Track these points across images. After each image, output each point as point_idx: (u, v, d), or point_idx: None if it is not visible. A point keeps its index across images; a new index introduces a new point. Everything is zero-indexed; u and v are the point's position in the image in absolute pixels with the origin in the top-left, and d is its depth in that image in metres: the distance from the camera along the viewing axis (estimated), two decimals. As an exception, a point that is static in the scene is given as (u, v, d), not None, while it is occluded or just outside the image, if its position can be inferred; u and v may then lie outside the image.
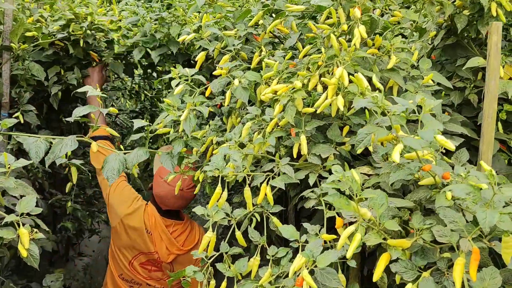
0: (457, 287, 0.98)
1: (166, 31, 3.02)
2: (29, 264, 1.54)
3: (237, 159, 1.47)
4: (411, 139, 0.98)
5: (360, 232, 1.05)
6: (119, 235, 2.31)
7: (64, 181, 4.02)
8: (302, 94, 1.47)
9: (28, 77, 3.02)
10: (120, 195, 2.32)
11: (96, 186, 5.10)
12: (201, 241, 1.44)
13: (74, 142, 1.87)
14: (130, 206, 2.31)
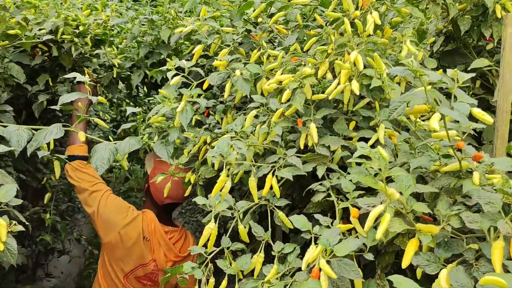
0: (497, 271, 0.89)
1: (156, 34, 2.94)
2: (5, 259, 1.37)
3: (242, 147, 1.37)
4: (449, 109, 0.91)
5: (389, 213, 0.96)
6: (114, 248, 2.16)
7: (38, 192, 3.82)
8: (312, 80, 1.40)
9: (7, 77, 2.87)
10: (114, 207, 2.17)
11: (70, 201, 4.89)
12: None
13: (60, 130, 1.74)
14: (127, 216, 2.17)
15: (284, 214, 1.39)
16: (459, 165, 1.11)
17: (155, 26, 2.94)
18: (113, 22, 3.00)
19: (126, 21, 3.00)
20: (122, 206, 2.21)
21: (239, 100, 1.81)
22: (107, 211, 2.16)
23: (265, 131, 1.46)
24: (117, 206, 2.19)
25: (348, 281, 1.16)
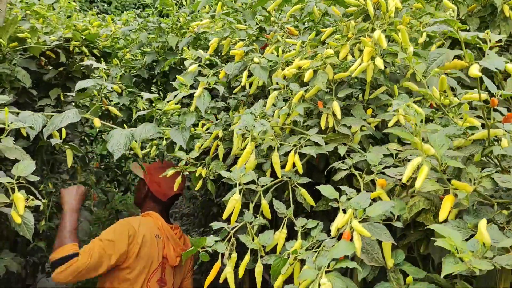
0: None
1: (164, 41, 2.97)
2: (21, 234, 1.34)
3: (265, 123, 1.37)
4: (488, 61, 0.93)
5: (426, 165, 0.96)
6: (133, 268, 2.08)
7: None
8: (334, 59, 1.42)
9: (13, 80, 2.87)
10: (116, 241, 2.03)
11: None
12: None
13: (77, 115, 1.73)
14: (130, 231, 2.09)
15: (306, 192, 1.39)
16: (487, 132, 1.13)
17: (163, 33, 2.98)
18: (122, 29, 3.04)
19: (135, 28, 3.03)
20: (121, 233, 2.06)
21: (255, 90, 1.82)
22: (116, 250, 2.01)
23: (286, 111, 1.47)
24: (117, 237, 2.03)
25: (378, 247, 1.15)
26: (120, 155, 1.68)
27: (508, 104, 1.62)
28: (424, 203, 1.29)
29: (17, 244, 3.88)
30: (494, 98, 1.02)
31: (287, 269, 1.17)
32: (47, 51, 2.98)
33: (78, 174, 3.81)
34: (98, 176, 3.89)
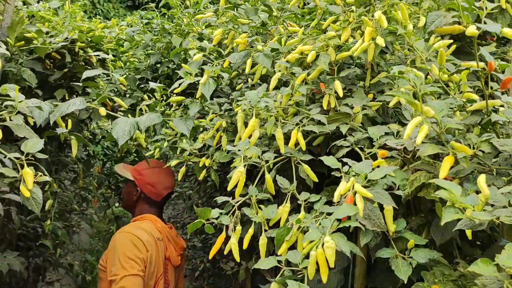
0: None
1: (168, 41, 3.03)
2: (30, 208, 1.36)
3: (269, 100, 1.41)
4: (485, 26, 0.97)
5: (426, 124, 1.00)
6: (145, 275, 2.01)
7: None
8: (336, 41, 1.46)
9: (19, 79, 2.92)
10: (138, 271, 1.93)
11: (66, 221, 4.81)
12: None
13: (83, 103, 1.77)
14: (142, 254, 1.99)
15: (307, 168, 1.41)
16: (485, 103, 1.17)
17: (167, 33, 3.04)
18: (127, 31, 3.10)
19: (139, 29, 3.10)
20: (135, 256, 1.95)
21: (258, 78, 1.86)
22: (141, 272, 1.94)
23: (289, 92, 1.51)
24: (135, 263, 1.94)
25: (380, 214, 1.17)
26: (124, 141, 1.70)
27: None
28: (425, 178, 1.31)
29: (18, 249, 3.88)
30: (491, 63, 1.06)
31: (290, 237, 1.19)
32: (52, 53, 3.03)
33: (80, 178, 3.84)
34: (100, 181, 3.91)
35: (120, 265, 1.89)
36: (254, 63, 1.84)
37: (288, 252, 1.15)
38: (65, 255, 5.17)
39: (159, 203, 2.30)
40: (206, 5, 2.29)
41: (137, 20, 3.27)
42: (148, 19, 3.15)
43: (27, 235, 3.83)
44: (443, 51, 1.17)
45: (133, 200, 2.29)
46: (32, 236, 3.83)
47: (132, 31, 3.07)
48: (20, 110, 1.79)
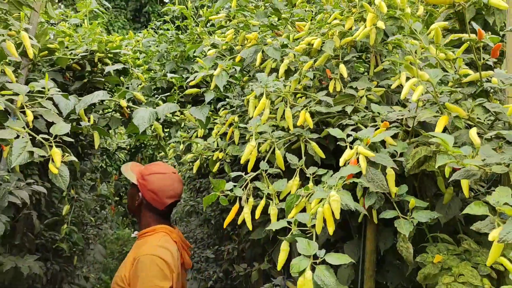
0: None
1: (182, 50, 3.17)
2: (58, 185, 1.47)
3: (278, 83, 1.51)
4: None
5: (422, 85, 1.09)
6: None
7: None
8: (340, 28, 1.57)
9: (42, 88, 3.07)
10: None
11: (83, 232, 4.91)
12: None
13: (105, 94, 1.89)
14: (168, 279, 1.87)
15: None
16: (479, 74, 1.26)
17: (181, 43, 3.19)
18: (143, 41, 3.26)
19: (154, 40, 3.25)
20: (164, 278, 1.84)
21: (268, 73, 1.98)
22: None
23: (297, 77, 1.62)
24: (159, 278, 1.82)
25: (382, 177, 1.25)
26: (144, 128, 1.82)
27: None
28: (426, 151, 1.40)
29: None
30: (480, 30, 1.16)
31: (299, 202, 1.28)
32: (73, 64, 3.19)
33: (98, 185, 3.97)
34: (117, 188, 4.03)
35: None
36: (263, 59, 1.95)
37: (297, 215, 1.23)
38: (81, 267, 5.25)
39: (163, 211, 2.03)
40: (218, 10, 2.43)
41: (152, 32, 3.44)
42: (163, 30, 3.31)
43: (45, 244, 3.94)
44: (438, 29, 1.27)
45: (136, 206, 2.09)
46: (49, 245, 3.94)
47: (147, 41, 3.23)
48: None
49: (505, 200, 0.89)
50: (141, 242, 1.97)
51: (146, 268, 1.81)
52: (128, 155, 4.34)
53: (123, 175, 4.53)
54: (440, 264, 1.47)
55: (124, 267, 1.89)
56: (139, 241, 2.00)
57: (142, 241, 1.97)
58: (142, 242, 1.96)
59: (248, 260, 3.72)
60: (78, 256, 4.12)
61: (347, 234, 2.29)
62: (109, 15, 14.76)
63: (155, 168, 2.00)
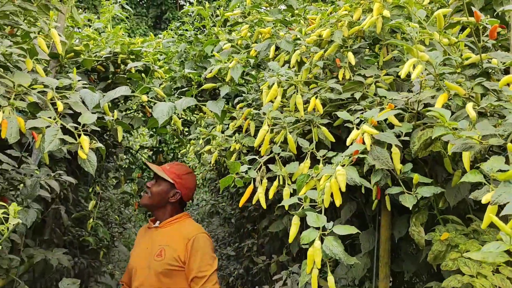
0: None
1: (200, 50, 3.28)
2: (86, 170, 1.58)
3: (290, 72, 1.60)
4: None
5: (421, 65, 1.16)
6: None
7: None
8: (348, 18, 1.65)
9: (68, 89, 3.22)
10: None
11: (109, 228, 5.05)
12: None
13: (127, 90, 2.01)
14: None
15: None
16: (479, 57, 1.32)
17: (200, 43, 3.31)
18: (163, 42, 3.39)
19: (173, 40, 3.38)
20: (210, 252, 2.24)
21: (282, 64, 2.06)
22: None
23: (307, 67, 1.70)
24: (212, 250, 2.23)
25: (388, 155, 1.32)
26: (164, 120, 1.93)
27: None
28: (432, 132, 1.46)
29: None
30: (477, 12, 1.22)
31: (309, 181, 1.36)
32: (97, 66, 3.34)
33: (121, 183, 4.12)
34: (140, 185, 4.17)
35: (207, 263, 2.12)
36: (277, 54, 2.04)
37: (307, 192, 1.31)
38: (107, 264, 5.42)
39: (185, 203, 2.41)
40: (233, 8, 2.53)
41: (172, 33, 3.57)
42: (182, 30, 3.43)
43: (72, 240, 4.10)
44: (441, 15, 1.34)
45: (166, 201, 2.33)
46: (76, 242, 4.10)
47: (167, 41, 3.36)
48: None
49: (498, 167, 0.96)
50: (175, 227, 2.26)
51: (203, 244, 2.15)
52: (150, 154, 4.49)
53: (146, 173, 4.70)
54: (448, 242, 1.53)
55: (172, 250, 2.16)
56: (167, 228, 2.28)
57: (176, 226, 2.26)
58: (176, 227, 2.26)
59: (267, 253, 3.82)
60: (104, 252, 4.26)
61: (362, 224, 2.36)
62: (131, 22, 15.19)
63: (184, 169, 2.35)
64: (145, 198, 2.30)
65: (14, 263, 2.43)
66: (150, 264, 2.20)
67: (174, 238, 2.21)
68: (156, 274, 2.16)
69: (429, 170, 1.80)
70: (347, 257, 1.17)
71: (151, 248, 2.26)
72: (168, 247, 2.19)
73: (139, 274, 2.25)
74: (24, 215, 1.95)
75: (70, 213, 3.90)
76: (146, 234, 2.38)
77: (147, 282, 2.20)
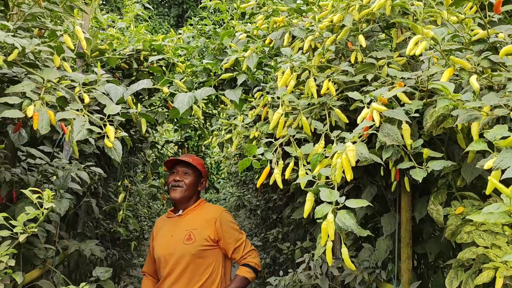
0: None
1: (219, 43, 3.36)
2: (112, 157, 1.68)
3: (302, 56, 1.65)
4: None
5: (425, 41, 1.20)
6: None
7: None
8: (359, 2, 1.69)
9: (95, 86, 3.34)
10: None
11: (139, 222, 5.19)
12: None
13: (149, 82, 2.10)
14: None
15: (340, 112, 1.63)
16: (486, 31, 1.34)
17: (218, 36, 3.38)
18: (183, 37, 3.48)
19: (193, 35, 3.47)
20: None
21: (297, 51, 2.12)
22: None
23: (320, 52, 1.75)
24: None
25: (398, 132, 1.36)
26: (184, 109, 2.01)
27: None
28: (444, 109, 1.49)
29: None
30: (480, -13, 1.24)
31: (323, 160, 1.41)
32: (121, 64, 3.45)
33: (149, 177, 4.25)
34: (166, 178, 4.28)
35: (239, 232, 2.45)
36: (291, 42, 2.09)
37: (321, 170, 1.37)
38: (138, 257, 5.59)
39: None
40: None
41: (191, 29, 3.65)
42: (201, 25, 3.51)
43: (104, 234, 4.25)
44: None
45: (196, 190, 2.54)
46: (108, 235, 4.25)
47: (187, 36, 3.45)
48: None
49: (501, 135, 0.99)
50: (198, 212, 2.45)
51: (230, 219, 2.45)
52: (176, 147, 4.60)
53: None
54: (463, 216, 1.55)
55: (201, 232, 2.37)
56: (190, 214, 2.45)
57: (199, 211, 2.46)
58: (199, 212, 2.45)
59: (292, 241, 3.89)
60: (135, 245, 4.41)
61: (383, 207, 2.39)
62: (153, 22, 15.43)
63: (200, 159, 2.58)
64: (179, 192, 2.43)
65: (50, 253, 2.56)
66: (179, 249, 2.37)
67: (200, 221, 2.39)
68: (190, 256, 2.34)
69: (446, 149, 1.82)
70: (359, 229, 1.22)
71: (177, 234, 2.40)
72: (196, 230, 2.37)
73: (168, 261, 2.40)
74: (57, 205, 2.07)
75: (100, 207, 4.06)
76: (166, 224, 2.52)
77: (178, 266, 2.37)
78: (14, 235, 1.52)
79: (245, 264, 2.44)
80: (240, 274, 2.41)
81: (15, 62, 1.76)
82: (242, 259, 2.43)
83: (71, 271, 3.57)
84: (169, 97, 3.43)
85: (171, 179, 2.48)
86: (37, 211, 1.49)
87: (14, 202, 2.17)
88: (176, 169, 2.50)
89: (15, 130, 1.95)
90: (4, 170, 2.00)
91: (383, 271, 2.23)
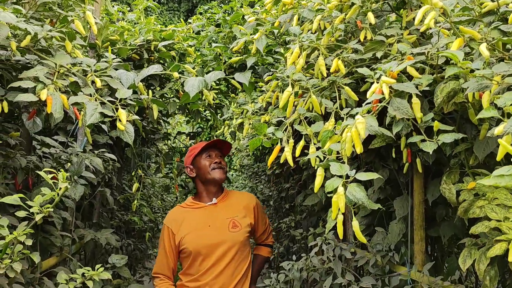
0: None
1: (229, 31, 3.36)
2: (125, 140, 1.70)
3: (311, 35, 1.65)
4: None
5: (434, 11, 1.19)
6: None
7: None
8: (366, -20, 1.69)
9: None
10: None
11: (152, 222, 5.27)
12: None
13: (159, 67, 2.12)
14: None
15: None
16: (497, 3, 1.33)
17: (227, 24, 3.39)
18: (193, 25, 3.49)
19: (203, 24, 3.48)
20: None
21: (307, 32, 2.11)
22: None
23: (329, 31, 1.74)
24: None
25: (408, 105, 1.36)
26: (194, 93, 2.02)
27: None
28: (454, 84, 1.48)
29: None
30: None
31: (332, 136, 1.42)
32: (132, 55, 3.47)
33: (162, 167, 4.29)
34: (179, 169, 4.32)
35: (266, 216, 2.62)
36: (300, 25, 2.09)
37: (331, 145, 1.37)
38: (153, 248, 5.65)
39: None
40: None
41: (201, 18, 3.67)
42: (210, 13, 3.53)
43: (119, 224, 4.30)
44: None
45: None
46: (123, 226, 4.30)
47: (197, 25, 3.46)
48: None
49: (511, 101, 0.99)
50: (232, 200, 2.49)
51: (262, 206, 2.63)
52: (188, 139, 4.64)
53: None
54: (475, 191, 1.55)
55: (244, 218, 2.41)
56: (225, 202, 2.47)
57: (231, 199, 2.50)
58: (232, 200, 2.49)
59: (305, 228, 3.90)
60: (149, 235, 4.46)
61: (396, 191, 2.39)
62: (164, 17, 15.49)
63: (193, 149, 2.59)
64: (223, 172, 2.45)
65: (66, 241, 2.60)
66: (226, 238, 2.32)
67: (239, 208, 2.44)
68: (239, 244, 2.33)
69: (458, 127, 1.81)
70: (370, 202, 1.22)
71: (217, 223, 2.37)
72: (238, 217, 2.40)
73: (211, 253, 2.32)
74: (72, 190, 2.10)
75: (115, 198, 4.11)
76: (192, 215, 2.44)
77: (225, 257, 2.31)
78: (30, 215, 1.55)
79: (266, 244, 2.56)
80: (264, 254, 2.54)
81: (28, 48, 1.79)
82: (265, 240, 2.55)
83: (88, 261, 3.62)
84: (180, 87, 3.45)
85: (208, 162, 2.45)
86: (52, 192, 1.52)
87: (30, 189, 2.21)
88: (209, 153, 2.48)
89: (30, 118, 1.99)
90: (20, 156, 2.04)
91: (396, 254, 2.23)
